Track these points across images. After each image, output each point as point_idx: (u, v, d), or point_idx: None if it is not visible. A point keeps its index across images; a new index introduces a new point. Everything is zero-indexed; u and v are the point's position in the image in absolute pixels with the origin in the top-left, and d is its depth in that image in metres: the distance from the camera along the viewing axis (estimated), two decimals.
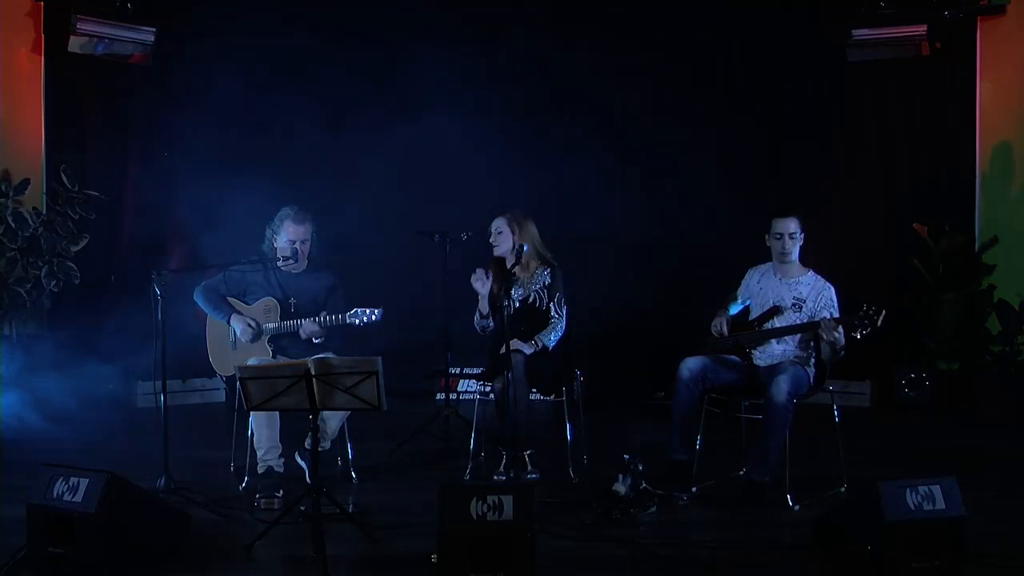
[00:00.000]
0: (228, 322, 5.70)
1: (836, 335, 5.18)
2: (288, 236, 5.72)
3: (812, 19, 8.06)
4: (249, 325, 5.65)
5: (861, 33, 7.82)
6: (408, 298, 7.34)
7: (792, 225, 5.45)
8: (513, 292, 5.73)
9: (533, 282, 5.81)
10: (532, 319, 5.76)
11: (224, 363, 5.73)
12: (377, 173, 7.82)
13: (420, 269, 7.28)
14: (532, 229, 5.81)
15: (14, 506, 4.61)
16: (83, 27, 7.65)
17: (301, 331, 5.61)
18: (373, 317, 5.43)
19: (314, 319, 5.57)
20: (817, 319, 5.27)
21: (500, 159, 8.05)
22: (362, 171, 7.78)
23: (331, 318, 5.52)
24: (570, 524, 4.85)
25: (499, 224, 5.82)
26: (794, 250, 5.46)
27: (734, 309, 5.59)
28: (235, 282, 5.80)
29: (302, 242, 5.72)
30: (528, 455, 5.66)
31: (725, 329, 5.48)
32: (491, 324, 5.78)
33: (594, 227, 7.98)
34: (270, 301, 5.73)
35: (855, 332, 5.14)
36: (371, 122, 7.84)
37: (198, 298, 5.80)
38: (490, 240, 5.83)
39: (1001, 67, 7.88)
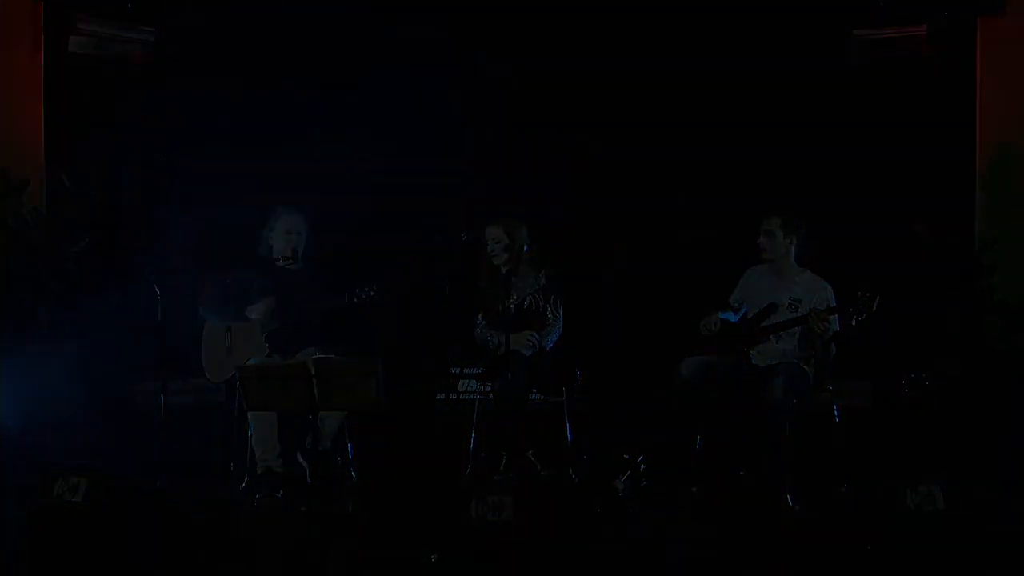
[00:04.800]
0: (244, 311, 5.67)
1: (826, 325, 5.17)
2: (284, 228, 5.71)
3: (811, 18, 8.05)
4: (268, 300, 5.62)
5: (861, 33, 7.81)
6: (408, 298, 7.32)
7: (770, 223, 5.45)
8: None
9: (527, 285, 5.78)
10: (529, 323, 5.73)
11: (220, 369, 5.71)
12: (378, 174, 7.81)
13: (420, 269, 7.27)
14: (524, 231, 5.78)
15: (14, 506, 4.60)
16: (83, 27, 7.64)
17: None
18: (370, 293, 5.42)
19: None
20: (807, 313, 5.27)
21: (500, 158, 8.04)
22: (363, 171, 7.77)
23: (328, 302, 5.48)
24: (570, 524, 4.85)
25: (496, 233, 5.76)
26: (772, 248, 5.46)
27: (731, 317, 5.56)
28: (236, 284, 5.80)
29: (297, 233, 5.71)
30: (529, 455, 5.66)
31: (714, 327, 5.48)
32: (492, 339, 5.74)
33: (594, 226, 7.97)
34: (270, 301, 5.72)
35: (851, 320, 5.14)
36: (372, 122, 7.82)
37: (205, 312, 5.77)
38: (488, 251, 5.78)
39: (1001, 67, 7.87)
